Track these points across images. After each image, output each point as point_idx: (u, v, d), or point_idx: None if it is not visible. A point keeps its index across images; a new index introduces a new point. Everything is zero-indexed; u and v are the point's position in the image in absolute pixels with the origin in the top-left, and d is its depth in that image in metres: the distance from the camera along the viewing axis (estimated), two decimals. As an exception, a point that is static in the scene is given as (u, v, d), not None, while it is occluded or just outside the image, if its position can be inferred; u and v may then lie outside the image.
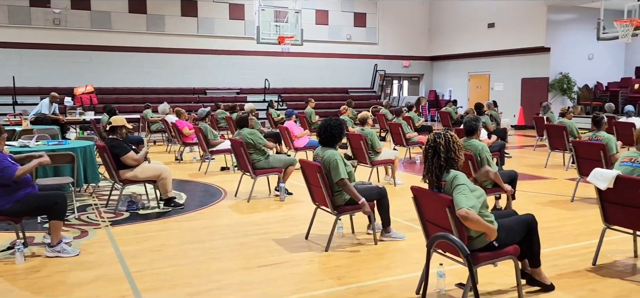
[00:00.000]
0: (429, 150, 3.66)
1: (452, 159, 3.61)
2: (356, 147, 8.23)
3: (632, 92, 18.09)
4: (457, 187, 3.48)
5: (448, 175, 3.57)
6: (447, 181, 3.56)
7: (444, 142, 3.61)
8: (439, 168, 3.59)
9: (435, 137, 3.66)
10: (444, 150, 3.59)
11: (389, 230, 5.33)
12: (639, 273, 4.38)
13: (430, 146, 3.65)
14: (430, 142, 3.67)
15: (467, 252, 2.78)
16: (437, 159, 3.60)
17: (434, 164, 3.60)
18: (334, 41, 22.18)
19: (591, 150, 6.87)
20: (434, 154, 3.62)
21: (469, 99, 21.96)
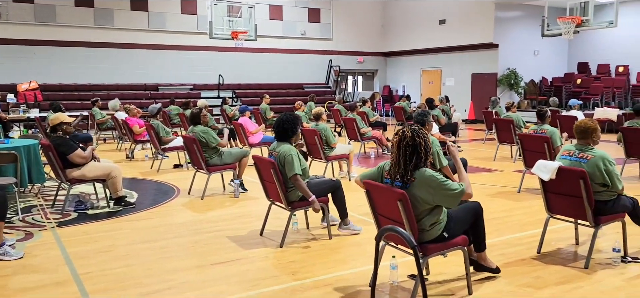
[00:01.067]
0: (407, 148, 3.56)
1: (427, 158, 3.64)
2: (311, 143, 8.26)
3: (575, 86, 18.91)
4: (439, 185, 3.51)
5: (422, 174, 3.58)
6: (417, 177, 3.57)
7: (423, 142, 3.59)
8: (415, 167, 3.58)
9: (415, 136, 3.58)
10: (424, 150, 3.59)
11: (347, 223, 5.36)
12: (580, 259, 4.57)
13: (408, 144, 3.57)
14: (408, 140, 3.58)
15: (414, 244, 2.84)
16: (416, 158, 3.57)
17: (412, 162, 3.57)
18: (288, 37, 22.13)
19: (536, 142, 7.14)
20: (414, 152, 3.56)
21: (422, 94, 22.39)
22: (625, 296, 3.84)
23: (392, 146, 3.71)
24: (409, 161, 3.57)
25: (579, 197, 4.29)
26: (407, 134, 3.61)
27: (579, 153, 4.47)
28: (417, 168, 3.58)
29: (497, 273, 4.12)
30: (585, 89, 18.35)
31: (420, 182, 3.55)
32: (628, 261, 4.48)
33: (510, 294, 3.86)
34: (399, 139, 3.63)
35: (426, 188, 3.53)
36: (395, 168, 3.65)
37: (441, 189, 3.51)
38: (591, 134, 4.47)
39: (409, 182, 3.56)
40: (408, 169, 3.57)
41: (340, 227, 5.35)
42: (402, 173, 3.59)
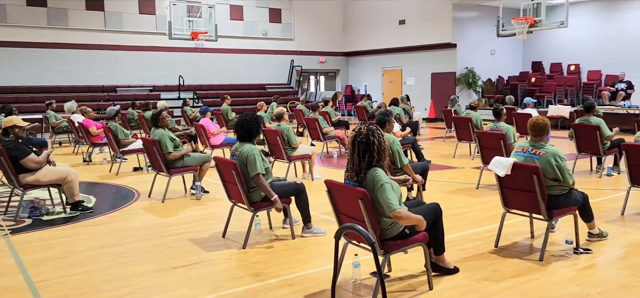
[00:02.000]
0: (360, 145, 3.61)
1: (381, 158, 3.68)
2: (273, 143, 8.24)
3: (530, 85, 19.50)
4: (381, 187, 3.55)
5: (370, 173, 3.63)
6: (368, 177, 3.62)
7: (377, 141, 3.63)
8: (368, 165, 3.63)
9: (369, 134, 3.63)
10: (377, 149, 3.63)
11: (310, 227, 5.37)
12: (535, 252, 4.73)
13: (362, 141, 3.62)
14: (362, 137, 3.62)
15: (372, 241, 2.89)
16: (369, 156, 3.61)
17: (365, 160, 3.61)
18: (249, 37, 22.00)
19: (492, 140, 7.34)
20: (366, 151, 3.61)
21: (383, 94, 22.65)
22: (577, 286, 3.99)
23: (348, 143, 3.75)
24: (362, 158, 3.62)
25: (533, 191, 4.44)
26: (362, 131, 3.67)
27: (532, 150, 4.63)
28: (369, 166, 3.63)
29: (455, 273, 4.21)
30: (539, 87, 18.95)
31: (369, 181, 3.60)
32: (580, 252, 4.66)
33: (468, 288, 3.96)
34: (354, 135, 3.69)
35: (372, 188, 3.58)
36: (350, 166, 3.71)
37: (379, 192, 3.55)
38: (543, 130, 4.63)
39: (362, 181, 3.61)
40: (361, 167, 3.62)
41: (303, 231, 5.36)
42: (356, 170, 3.64)
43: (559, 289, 3.93)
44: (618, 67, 17.14)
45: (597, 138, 8.01)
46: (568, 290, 3.90)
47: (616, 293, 3.84)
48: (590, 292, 3.87)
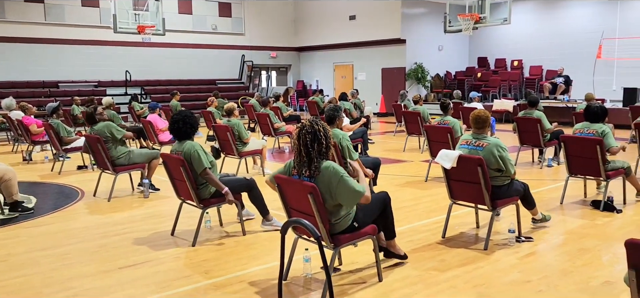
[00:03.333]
0: (307, 136, 3.59)
1: (329, 148, 3.68)
2: (223, 139, 8.14)
3: (476, 80, 20.08)
4: (343, 179, 3.55)
5: (323, 164, 3.63)
6: (322, 170, 3.61)
7: (322, 129, 3.63)
8: (319, 155, 3.61)
9: (313, 124, 3.63)
10: (324, 137, 3.63)
11: (270, 219, 5.34)
12: (480, 241, 4.88)
13: (308, 132, 3.60)
14: (307, 128, 3.61)
15: (318, 235, 2.90)
16: (317, 145, 3.60)
17: (315, 151, 3.59)
18: (198, 31, 21.59)
19: (440, 133, 7.51)
20: (314, 140, 3.59)
21: (335, 88, 22.76)
22: (519, 273, 4.15)
23: (293, 141, 3.73)
24: (311, 148, 3.59)
25: (477, 183, 4.57)
26: (305, 124, 3.68)
27: (475, 142, 4.77)
28: (321, 156, 3.62)
29: (405, 259, 4.30)
30: (485, 82, 19.54)
31: (324, 175, 3.60)
32: (521, 240, 4.85)
33: (417, 278, 4.05)
34: (298, 131, 3.67)
35: (329, 182, 3.59)
36: (298, 161, 3.69)
37: (341, 184, 3.55)
38: (485, 123, 4.78)
39: (315, 174, 3.61)
40: (312, 158, 3.60)
41: (263, 224, 5.33)
42: (307, 164, 3.63)
43: (503, 277, 4.07)
44: (557, 62, 17.91)
45: (538, 131, 8.34)
46: (511, 277, 4.05)
47: (555, 279, 4.01)
48: (531, 278, 4.03)
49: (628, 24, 16.86)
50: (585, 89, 14.48)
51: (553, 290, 3.80)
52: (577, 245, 4.80)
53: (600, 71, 17.32)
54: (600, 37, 17.16)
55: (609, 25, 17.18)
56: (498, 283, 3.94)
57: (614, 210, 5.81)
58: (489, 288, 3.85)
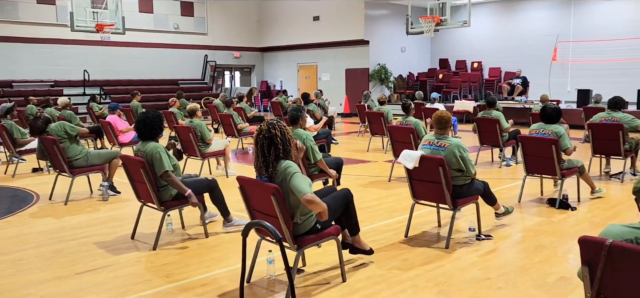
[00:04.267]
0: (263, 141, 3.61)
1: (287, 150, 3.68)
2: (185, 140, 8.01)
3: (438, 81, 20.44)
4: (293, 175, 3.56)
5: (281, 165, 3.63)
6: (279, 170, 3.61)
7: (280, 133, 3.63)
8: (275, 159, 3.61)
9: (270, 128, 3.63)
10: (281, 141, 3.63)
11: (230, 220, 5.29)
12: (442, 240, 4.96)
13: (265, 137, 3.61)
14: (264, 132, 3.62)
15: (279, 237, 2.90)
16: (274, 150, 3.60)
17: (271, 155, 3.60)
18: (160, 30, 21.20)
19: (402, 133, 7.61)
20: (271, 145, 3.60)
21: (299, 89, 22.75)
22: (479, 270, 4.24)
23: (253, 143, 3.74)
24: (267, 153, 3.62)
25: (439, 182, 4.65)
26: (263, 127, 3.68)
27: (437, 142, 4.85)
28: (277, 160, 3.63)
29: (370, 254, 4.33)
30: (446, 83, 19.90)
31: (280, 174, 3.61)
32: (482, 238, 4.96)
33: (380, 277, 4.08)
34: (256, 134, 3.70)
35: (283, 180, 3.59)
36: (258, 164, 3.70)
37: (292, 181, 3.56)
38: (447, 123, 4.87)
39: (273, 175, 3.61)
40: (269, 162, 3.62)
41: (224, 226, 5.27)
42: (265, 167, 3.64)
43: (463, 274, 4.15)
44: (515, 64, 18.40)
45: (497, 131, 8.55)
46: (471, 275, 4.13)
47: (513, 275, 4.12)
48: (491, 275, 4.12)
49: (581, 28, 17.48)
50: (541, 90, 14.95)
51: (511, 287, 3.90)
52: (535, 242, 4.93)
53: (556, 73, 17.90)
54: (556, 41, 17.74)
55: (564, 29, 17.78)
56: (459, 281, 4.02)
57: (569, 208, 6.01)
58: (450, 286, 3.92)
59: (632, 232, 2.16)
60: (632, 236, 2.15)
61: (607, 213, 5.92)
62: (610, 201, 6.47)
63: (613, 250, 2.10)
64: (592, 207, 6.22)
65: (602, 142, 7.42)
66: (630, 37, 16.23)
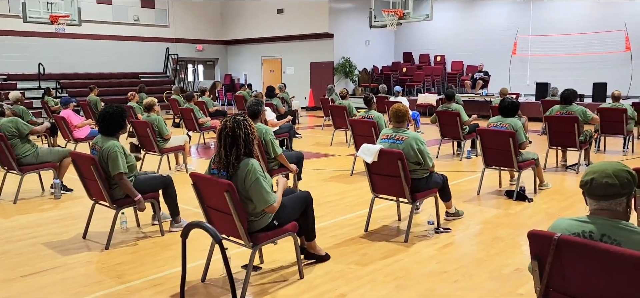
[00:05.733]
0: (227, 138, 3.52)
1: (250, 149, 3.60)
2: (143, 135, 7.80)
3: (401, 74, 20.59)
4: (257, 181, 3.47)
5: (242, 164, 3.53)
6: (241, 167, 3.52)
7: (243, 133, 3.54)
8: (237, 158, 3.52)
9: (235, 126, 3.54)
10: (244, 141, 3.54)
11: (179, 220, 5.17)
12: (401, 234, 4.96)
13: (228, 134, 3.52)
14: (227, 130, 3.53)
15: (219, 239, 2.84)
16: (236, 149, 3.51)
17: (233, 155, 3.51)
18: (119, 22, 20.60)
19: (364, 127, 7.59)
20: (233, 144, 3.51)
21: (263, 83, 22.55)
22: (437, 263, 4.25)
23: (216, 136, 3.65)
24: (229, 152, 3.53)
25: (397, 176, 4.64)
26: (228, 124, 3.58)
27: (395, 136, 4.84)
28: (238, 158, 3.54)
29: (326, 260, 4.27)
30: (410, 76, 20.07)
31: (241, 173, 3.52)
32: (441, 231, 4.98)
33: (338, 273, 4.04)
34: (220, 128, 3.60)
35: (245, 180, 3.51)
36: (217, 158, 3.60)
37: (255, 185, 3.49)
38: (404, 117, 4.86)
39: (234, 173, 3.52)
40: (230, 160, 3.53)
41: (172, 226, 5.13)
42: (224, 163, 3.55)
43: (421, 268, 4.15)
44: (477, 58, 18.69)
45: (457, 124, 8.64)
46: (429, 269, 4.14)
47: (470, 268, 4.14)
48: (448, 268, 4.14)
49: (540, 23, 17.87)
50: (502, 83, 15.23)
51: (468, 280, 3.92)
52: (492, 234, 4.99)
53: (516, 67, 18.26)
54: (515, 35, 18.09)
55: (523, 24, 18.14)
56: (416, 275, 4.01)
57: (526, 200, 6.11)
58: (407, 280, 3.91)
59: (580, 225, 2.17)
60: (580, 229, 2.16)
61: (563, 204, 6.05)
62: (565, 192, 6.61)
63: (561, 244, 2.10)
64: (548, 198, 6.34)
65: (558, 134, 7.58)
66: (585, 32, 16.69)
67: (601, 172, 2.14)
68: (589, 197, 2.20)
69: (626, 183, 2.12)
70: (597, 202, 2.17)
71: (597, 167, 2.19)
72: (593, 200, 2.18)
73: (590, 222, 2.15)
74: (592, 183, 2.15)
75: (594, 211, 2.19)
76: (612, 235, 2.07)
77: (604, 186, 2.12)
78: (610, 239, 2.07)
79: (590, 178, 2.16)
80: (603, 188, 2.12)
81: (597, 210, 2.17)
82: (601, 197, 2.14)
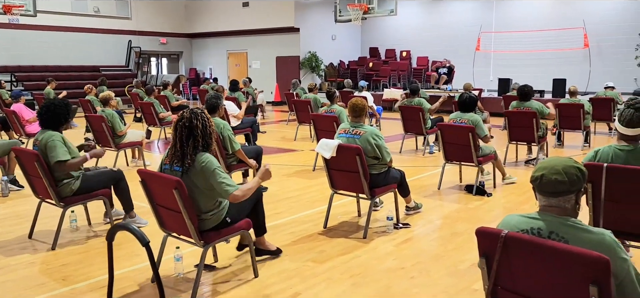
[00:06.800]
0: (183, 129, 3.42)
1: (208, 143, 3.49)
2: (97, 130, 7.54)
3: (368, 69, 20.61)
4: (214, 173, 3.36)
5: (199, 158, 3.42)
6: (197, 160, 3.40)
7: (201, 125, 3.45)
8: (193, 151, 3.41)
9: (192, 117, 3.44)
10: (201, 133, 3.44)
11: (133, 216, 5.01)
12: (360, 230, 4.90)
13: (185, 125, 3.42)
14: (185, 121, 3.43)
15: (146, 241, 2.72)
16: (193, 141, 3.41)
17: (190, 146, 3.41)
18: (78, 13, 19.94)
19: (326, 122, 7.51)
20: (190, 135, 3.41)
21: (229, 77, 22.25)
22: (394, 260, 4.21)
23: (172, 128, 3.53)
24: (185, 144, 3.42)
25: (356, 172, 4.57)
26: (185, 115, 3.48)
27: (353, 130, 4.78)
28: (195, 150, 3.43)
29: (278, 255, 4.18)
30: (376, 71, 20.11)
31: (197, 167, 3.40)
32: (399, 227, 4.95)
33: (294, 271, 3.96)
34: (177, 120, 3.49)
35: (201, 175, 3.39)
36: (172, 151, 3.47)
37: (214, 178, 3.37)
38: (361, 111, 4.81)
39: (189, 167, 3.39)
40: (186, 152, 3.41)
41: (125, 221, 4.95)
42: (180, 156, 3.42)
43: (379, 264, 4.10)
44: (442, 53, 18.85)
45: (420, 119, 8.65)
46: (386, 265, 4.09)
47: (427, 264, 4.12)
48: (406, 264, 4.10)
49: (503, 20, 18.14)
50: (466, 79, 15.38)
51: (425, 276, 3.89)
52: (450, 230, 4.99)
53: (479, 62, 18.50)
54: (479, 31, 18.31)
55: (486, 21, 18.38)
56: (374, 272, 3.96)
57: (485, 194, 6.15)
58: (364, 278, 3.85)
59: (528, 222, 2.14)
60: (528, 226, 2.12)
61: (520, 199, 6.11)
62: (523, 187, 6.68)
63: (508, 242, 2.06)
64: (507, 192, 6.40)
65: (517, 129, 7.67)
66: (546, 29, 17.03)
67: (551, 169, 2.11)
68: (539, 193, 2.16)
69: (575, 181, 2.09)
70: (547, 198, 2.13)
71: (547, 163, 2.16)
72: (543, 197, 2.15)
73: (539, 218, 2.12)
74: (542, 180, 2.11)
75: (543, 207, 2.16)
76: (560, 233, 2.04)
77: (553, 183, 2.09)
78: (558, 236, 2.04)
79: (541, 174, 2.12)
80: (552, 186, 2.09)
81: (546, 207, 2.14)
82: (550, 193, 2.11)
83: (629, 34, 15.42)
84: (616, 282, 1.95)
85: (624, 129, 3.37)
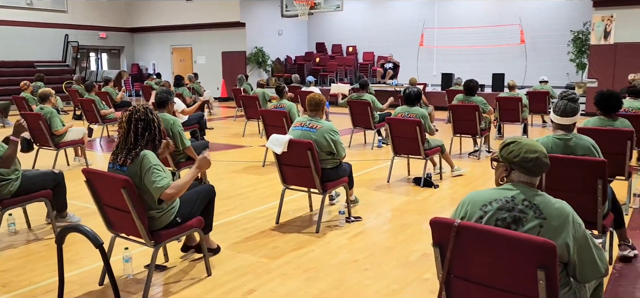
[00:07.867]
0: (139, 123, 3.31)
1: (159, 140, 3.42)
2: (35, 128, 7.18)
3: (315, 64, 20.67)
4: (149, 170, 3.25)
5: (139, 154, 3.31)
6: (137, 160, 3.30)
7: (156, 119, 3.39)
8: (146, 144, 3.33)
9: (147, 112, 3.36)
10: (157, 127, 3.38)
11: (64, 215, 4.86)
12: (313, 225, 4.92)
13: (141, 119, 3.32)
14: (140, 114, 3.33)
15: (100, 243, 2.65)
16: (149, 134, 3.33)
17: (144, 139, 3.32)
18: (10, 6, 18.88)
19: (276, 118, 7.49)
20: (146, 128, 3.33)
21: (173, 72, 21.72)
22: (347, 253, 4.25)
23: (120, 122, 3.40)
24: (140, 137, 3.33)
25: (308, 167, 4.59)
26: (139, 108, 3.39)
27: (309, 123, 4.79)
28: (147, 145, 3.35)
29: (218, 252, 4.16)
30: (323, 66, 20.21)
31: (136, 165, 3.30)
32: (351, 221, 5.01)
33: (248, 268, 3.93)
34: (129, 113, 3.37)
35: (139, 171, 3.29)
36: (122, 146, 3.36)
37: (147, 176, 3.27)
38: (319, 105, 4.83)
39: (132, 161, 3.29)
40: (139, 144, 3.32)
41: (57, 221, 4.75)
42: (129, 148, 3.31)
43: (332, 258, 4.14)
44: (387, 48, 19.17)
45: (368, 113, 8.77)
46: (339, 259, 4.13)
47: (379, 256, 4.19)
48: (358, 257, 4.16)
49: (445, 15, 18.66)
50: (411, 73, 15.72)
51: (377, 267, 3.96)
52: (400, 221, 5.09)
53: (423, 58, 18.95)
54: (422, 27, 18.75)
55: (429, 17, 18.84)
56: (327, 265, 3.99)
57: (432, 186, 6.32)
58: (318, 272, 3.88)
59: (501, 193, 2.25)
60: (501, 196, 2.23)
61: (466, 189, 6.31)
62: (468, 177, 6.92)
63: (461, 231, 2.13)
64: (453, 183, 6.60)
65: (461, 122, 7.91)
66: (485, 26, 17.65)
67: (541, 152, 2.25)
68: (520, 169, 2.25)
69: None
70: (526, 175, 2.25)
71: (538, 147, 2.27)
72: (521, 173, 2.26)
73: (513, 189, 2.24)
74: (536, 161, 2.23)
75: (517, 182, 2.27)
76: (532, 201, 2.18)
77: (544, 166, 2.25)
78: (531, 203, 2.17)
79: (536, 156, 2.23)
80: (540, 168, 2.24)
81: (521, 182, 2.26)
82: (533, 172, 2.24)
83: (561, 31, 16.23)
84: (576, 245, 2.13)
85: (560, 118, 3.57)
